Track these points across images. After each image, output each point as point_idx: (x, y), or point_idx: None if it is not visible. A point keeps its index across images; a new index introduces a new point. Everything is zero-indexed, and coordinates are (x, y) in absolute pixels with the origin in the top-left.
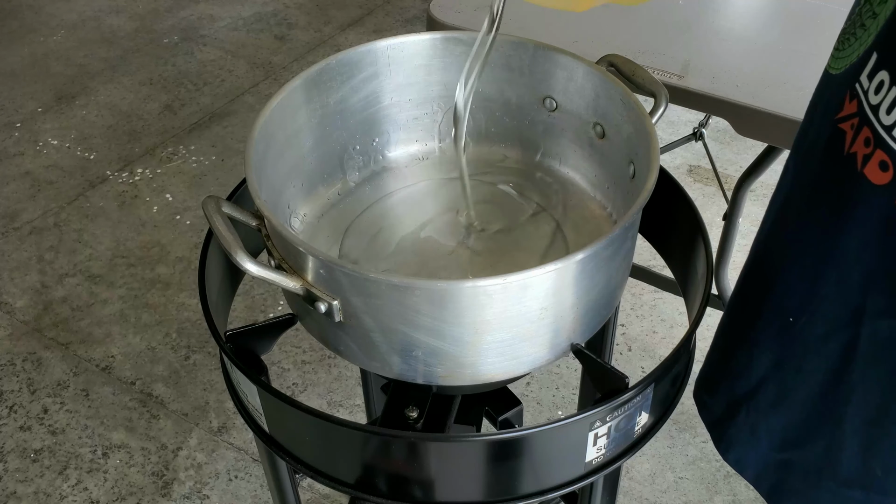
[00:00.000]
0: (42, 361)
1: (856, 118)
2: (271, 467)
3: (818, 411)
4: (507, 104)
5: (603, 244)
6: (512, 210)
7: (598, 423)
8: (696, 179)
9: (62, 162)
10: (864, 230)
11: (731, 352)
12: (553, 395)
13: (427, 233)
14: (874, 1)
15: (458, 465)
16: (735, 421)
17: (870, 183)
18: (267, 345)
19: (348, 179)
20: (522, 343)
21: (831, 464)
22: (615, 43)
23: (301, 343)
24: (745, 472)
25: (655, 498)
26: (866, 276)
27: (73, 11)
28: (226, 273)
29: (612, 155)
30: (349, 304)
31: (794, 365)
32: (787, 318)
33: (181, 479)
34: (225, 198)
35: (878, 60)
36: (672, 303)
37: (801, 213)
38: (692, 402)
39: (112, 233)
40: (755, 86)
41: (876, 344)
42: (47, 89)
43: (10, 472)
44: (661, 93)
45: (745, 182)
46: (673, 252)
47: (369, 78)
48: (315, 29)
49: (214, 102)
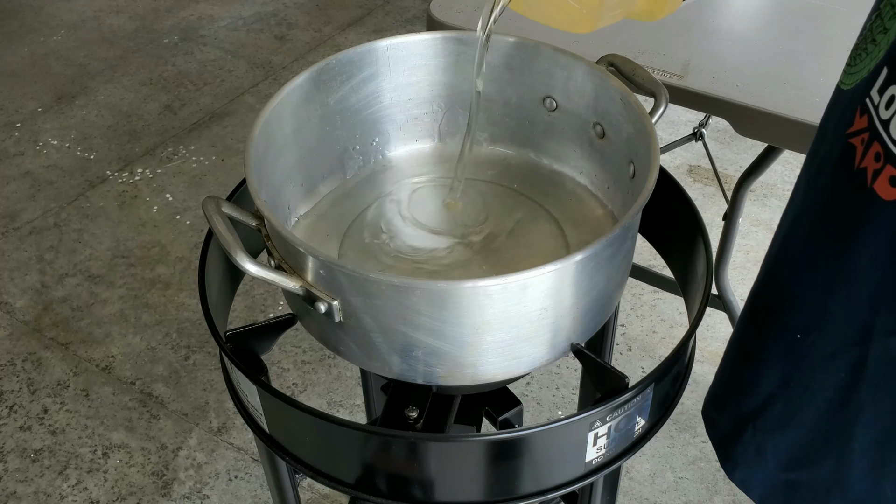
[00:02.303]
0: (42, 361)
1: (866, 133)
2: (271, 467)
3: (826, 430)
4: (507, 104)
5: (603, 244)
6: (512, 210)
7: (598, 423)
8: (696, 179)
9: (62, 162)
10: (873, 246)
11: (739, 369)
12: (553, 395)
13: (427, 232)
14: (885, 17)
15: (458, 465)
16: (741, 440)
17: (880, 199)
18: (267, 345)
19: (348, 179)
20: (522, 343)
21: (840, 484)
22: (615, 43)
23: (301, 343)
24: (751, 493)
25: (655, 498)
26: (875, 293)
27: (73, 11)
28: (226, 273)
29: (612, 155)
30: (349, 304)
31: (801, 383)
32: (796, 335)
33: (181, 479)
34: (225, 198)
35: (888, 76)
36: (672, 303)
37: (811, 229)
38: (692, 403)
39: (112, 233)
40: (755, 86)
41: (885, 362)
42: (47, 89)
43: (10, 472)
44: (661, 93)
45: (745, 182)
46: (673, 252)
47: (369, 78)
48: (315, 29)
49: (214, 102)
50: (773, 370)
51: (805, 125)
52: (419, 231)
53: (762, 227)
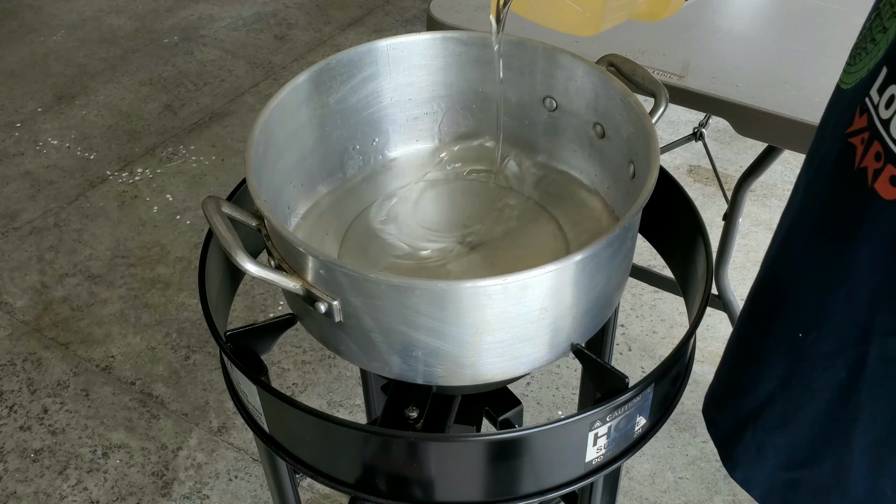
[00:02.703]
0: (42, 361)
1: (866, 133)
2: (271, 467)
3: (826, 430)
4: (507, 104)
5: (603, 244)
6: (511, 210)
7: (598, 423)
8: (696, 179)
9: (62, 162)
10: (873, 246)
11: (739, 369)
12: (553, 395)
13: (427, 232)
14: (884, 16)
15: (458, 465)
16: (742, 439)
17: (880, 198)
18: (267, 345)
19: (348, 179)
20: (522, 343)
21: (839, 484)
22: (615, 43)
23: (301, 343)
24: (752, 492)
25: (655, 498)
26: (875, 293)
27: (73, 11)
28: (226, 273)
29: (612, 155)
30: (349, 304)
31: (801, 383)
32: (796, 335)
33: (181, 479)
34: (225, 198)
35: (888, 75)
36: (672, 303)
37: (811, 229)
38: (692, 402)
39: (112, 233)
40: (755, 86)
41: (884, 362)
42: (47, 89)
43: (10, 472)
44: (661, 93)
45: (745, 182)
46: (673, 252)
47: (369, 78)
48: (315, 29)
49: (214, 102)
50: (773, 370)
51: (805, 125)
52: (419, 231)
53: (762, 227)
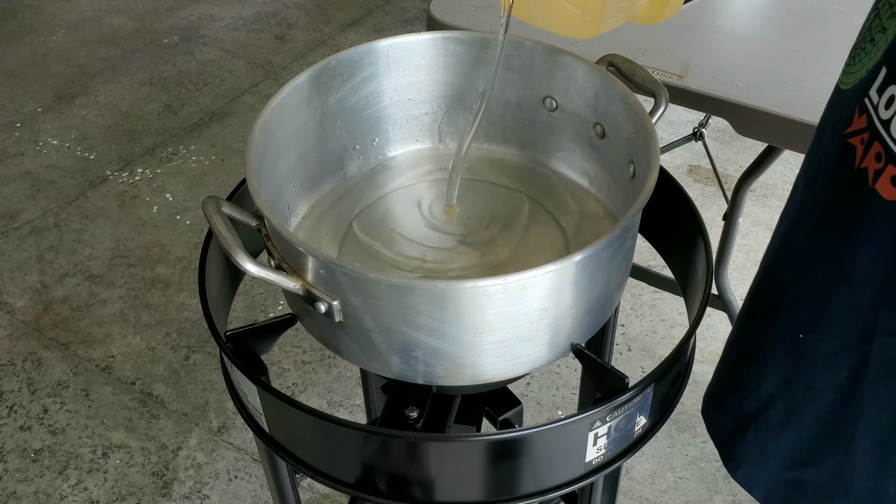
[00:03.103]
0: (42, 361)
1: (866, 133)
2: (271, 467)
3: (828, 430)
4: (507, 104)
5: (603, 244)
6: (511, 210)
7: (598, 423)
8: (696, 179)
9: (62, 162)
10: (874, 246)
11: (739, 369)
12: (553, 395)
13: (427, 232)
14: (883, 16)
15: (458, 465)
16: (744, 439)
17: (881, 198)
18: (267, 345)
19: (348, 179)
20: (522, 343)
21: (843, 483)
22: (615, 43)
23: (301, 343)
24: (754, 492)
25: (655, 498)
26: (876, 293)
27: (73, 11)
28: (226, 273)
29: (612, 155)
30: (349, 305)
31: (803, 383)
32: (797, 336)
33: (181, 479)
34: (225, 198)
35: (887, 75)
36: (672, 303)
37: (811, 230)
38: (692, 403)
39: (112, 233)
40: (755, 86)
41: (886, 362)
42: (47, 89)
43: (10, 472)
44: (661, 93)
45: (745, 182)
46: (673, 252)
47: (369, 78)
48: (315, 29)
49: (214, 102)
50: (773, 370)
51: (805, 125)
52: (419, 231)
53: (762, 227)
